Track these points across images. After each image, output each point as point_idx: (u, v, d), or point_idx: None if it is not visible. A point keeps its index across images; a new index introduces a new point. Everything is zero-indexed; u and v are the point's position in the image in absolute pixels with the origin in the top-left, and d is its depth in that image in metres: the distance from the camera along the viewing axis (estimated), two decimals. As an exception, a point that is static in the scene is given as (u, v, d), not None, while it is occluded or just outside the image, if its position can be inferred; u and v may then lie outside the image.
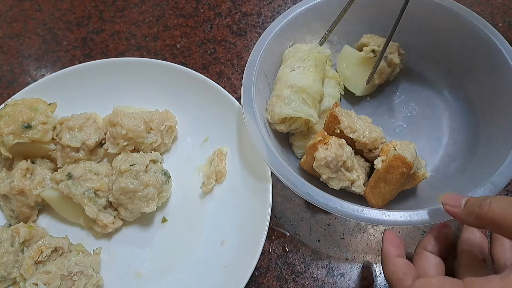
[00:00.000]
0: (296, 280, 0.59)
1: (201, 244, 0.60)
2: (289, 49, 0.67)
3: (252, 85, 0.60)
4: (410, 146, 0.56)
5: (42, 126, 0.62)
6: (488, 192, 0.49)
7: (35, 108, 0.64)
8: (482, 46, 0.62)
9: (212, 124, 0.68)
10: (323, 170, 0.55)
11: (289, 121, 0.60)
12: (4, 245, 0.56)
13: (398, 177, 0.53)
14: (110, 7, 0.89)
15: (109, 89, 0.71)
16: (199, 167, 0.67)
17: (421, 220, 0.49)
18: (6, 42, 0.85)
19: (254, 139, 0.56)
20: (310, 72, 0.62)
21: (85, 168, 0.61)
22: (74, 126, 0.63)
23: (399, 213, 0.49)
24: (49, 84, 0.69)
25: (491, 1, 0.86)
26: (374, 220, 0.49)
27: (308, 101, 0.60)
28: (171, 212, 0.64)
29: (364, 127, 0.57)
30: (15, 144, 0.60)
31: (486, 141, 0.61)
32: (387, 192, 0.55)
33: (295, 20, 0.67)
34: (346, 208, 0.50)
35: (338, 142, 0.55)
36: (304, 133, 0.64)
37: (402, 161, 0.52)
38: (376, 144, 0.58)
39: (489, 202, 0.40)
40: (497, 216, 0.39)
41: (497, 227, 0.40)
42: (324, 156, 0.54)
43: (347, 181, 0.56)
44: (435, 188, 0.60)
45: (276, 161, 0.54)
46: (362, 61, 0.68)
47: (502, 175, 0.50)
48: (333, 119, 0.57)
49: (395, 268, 0.46)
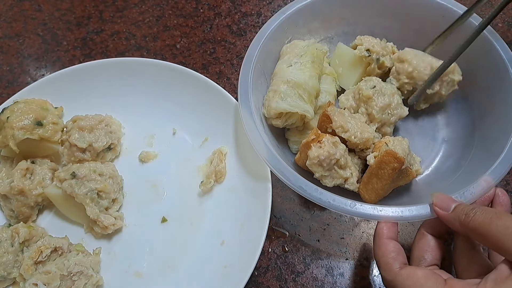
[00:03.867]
0: (295, 280, 0.59)
1: (201, 244, 0.60)
2: (287, 45, 0.67)
3: (249, 80, 0.60)
4: (402, 142, 0.57)
5: (53, 126, 0.63)
6: (481, 189, 0.50)
7: (46, 108, 0.65)
8: (480, 46, 0.62)
9: (212, 124, 0.68)
10: (316, 168, 0.56)
11: (285, 116, 0.61)
12: (4, 245, 0.56)
13: (390, 172, 0.54)
14: (110, 7, 0.89)
15: (109, 89, 0.71)
16: (199, 167, 0.67)
17: (413, 216, 0.49)
18: (6, 42, 0.85)
19: (249, 133, 0.56)
20: (307, 68, 0.62)
21: (89, 168, 0.61)
22: (85, 127, 0.64)
23: (391, 209, 0.49)
24: (49, 84, 0.69)
25: (490, 1, 0.86)
26: (366, 215, 0.50)
27: (304, 97, 0.60)
28: (171, 212, 0.64)
29: (356, 128, 0.58)
30: (22, 140, 0.60)
31: (480, 140, 0.61)
32: (380, 187, 0.55)
33: (293, 16, 0.67)
34: (338, 202, 0.50)
35: (331, 140, 0.56)
36: (300, 129, 0.64)
37: (393, 156, 0.53)
38: (368, 144, 0.58)
39: (474, 212, 0.42)
40: (478, 227, 0.41)
41: (478, 238, 0.43)
42: (317, 154, 0.54)
43: (341, 179, 0.57)
44: (429, 185, 0.61)
45: (271, 155, 0.54)
46: (355, 59, 0.68)
47: (495, 173, 0.51)
48: (326, 118, 0.58)
49: (385, 250, 0.47)
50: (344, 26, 0.73)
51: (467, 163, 0.60)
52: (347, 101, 0.65)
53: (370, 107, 0.61)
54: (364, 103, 0.62)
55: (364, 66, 0.68)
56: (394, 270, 0.45)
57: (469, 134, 0.63)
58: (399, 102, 0.63)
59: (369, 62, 0.67)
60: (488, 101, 0.63)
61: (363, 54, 0.67)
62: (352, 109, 0.64)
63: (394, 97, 0.62)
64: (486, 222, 0.41)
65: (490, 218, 0.41)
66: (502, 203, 0.50)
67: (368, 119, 0.62)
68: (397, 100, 0.63)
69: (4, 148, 0.63)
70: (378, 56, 0.67)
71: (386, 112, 0.62)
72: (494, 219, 0.40)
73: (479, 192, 0.50)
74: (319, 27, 0.72)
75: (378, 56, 0.67)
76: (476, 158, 0.59)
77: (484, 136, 0.61)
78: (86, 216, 0.59)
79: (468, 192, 0.50)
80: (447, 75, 0.64)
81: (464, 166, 0.60)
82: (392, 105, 0.62)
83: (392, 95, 0.62)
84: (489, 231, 0.40)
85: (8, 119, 0.61)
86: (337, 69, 0.70)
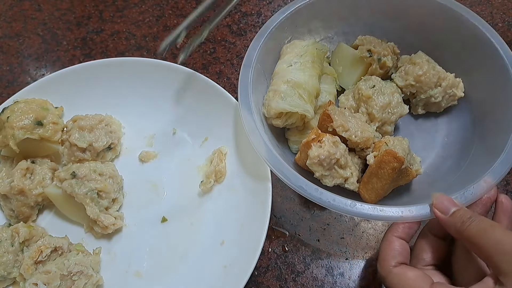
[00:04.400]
0: (295, 280, 0.59)
1: (201, 244, 0.60)
2: (287, 44, 0.67)
3: (249, 80, 0.60)
4: (403, 142, 0.57)
5: (53, 126, 0.63)
6: (481, 189, 0.50)
7: (46, 108, 0.65)
8: (480, 46, 0.63)
9: (212, 124, 0.68)
10: (316, 168, 0.55)
11: (285, 116, 0.61)
12: (4, 244, 0.56)
13: (389, 172, 0.54)
14: (110, 7, 0.89)
15: (109, 89, 0.71)
16: (199, 167, 0.67)
17: (413, 216, 0.49)
18: (6, 42, 0.85)
19: (249, 133, 0.56)
20: (307, 68, 0.62)
21: (89, 168, 0.61)
22: (85, 126, 0.64)
23: (392, 209, 0.49)
24: (49, 84, 0.69)
25: (490, 1, 0.86)
26: (366, 215, 0.50)
27: (304, 96, 0.60)
28: (171, 212, 0.64)
29: (357, 127, 0.58)
30: (22, 140, 0.61)
31: (480, 140, 0.61)
32: (380, 187, 0.55)
33: (293, 16, 0.67)
34: (338, 202, 0.50)
35: (332, 140, 0.56)
36: (300, 128, 0.64)
37: (393, 156, 0.53)
38: (368, 143, 0.58)
39: (470, 221, 0.43)
40: (472, 237, 0.42)
41: (471, 247, 0.43)
42: (318, 154, 0.54)
43: (341, 178, 0.57)
44: (429, 185, 0.61)
45: (271, 155, 0.54)
46: (356, 59, 0.68)
47: (494, 173, 0.51)
48: (326, 117, 0.58)
49: (388, 247, 0.48)
50: (344, 26, 0.73)
51: (467, 163, 0.60)
52: (347, 101, 0.65)
53: (370, 106, 0.61)
54: (364, 103, 0.62)
55: (365, 66, 0.68)
56: (389, 267, 0.46)
57: (469, 134, 0.63)
58: (399, 101, 0.63)
59: (370, 62, 0.67)
60: (488, 101, 0.63)
61: (365, 54, 0.67)
62: (352, 109, 0.64)
63: (394, 95, 0.62)
64: (480, 234, 0.41)
65: (484, 230, 0.41)
66: (504, 210, 0.49)
67: (368, 118, 0.62)
68: (397, 98, 0.63)
69: (4, 148, 0.63)
70: (379, 56, 0.67)
71: (386, 111, 0.62)
72: (488, 231, 0.41)
73: (479, 193, 0.50)
74: (319, 27, 0.72)
75: (380, 56, 0.67)
76: (476, 158, 0.59)
77: (484, 136, 0.61)
78: (86, 216, 0.59)
79: (468, 193, 0.50)
80: (451, 88, 0.65)
81: (464, 166, 0.60)
82: (392, 103, 0.62)
83: (392, 94, 0.62)
84: (481, 243, 0.41)
85: (8, 119, 0.61)
86: (337, 68, 0.70)
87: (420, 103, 0.66)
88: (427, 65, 0.64)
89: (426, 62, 0.65)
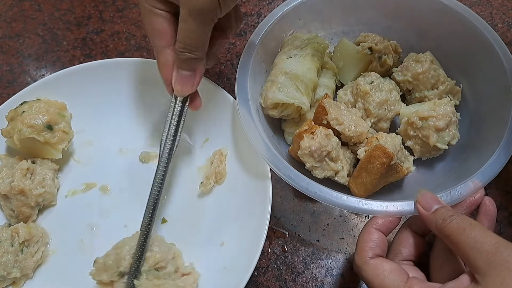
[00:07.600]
0: (295, 280, 0.59)
1: (200, 245, 0.60)
2: (288, 37, 0.68)
3: (248, 68, 0.60)
4: (395, 139, 0.58)
5: (62, 134, 0.63)
6: (468, 190, 0.50)
7: (63, 114, 0.65)
8: (480, 47, 0.63)
9: (212, 125, 0.68)
10: (307, 158, 0.56)
11: (281, 106, 0.61)
12: (4, 245, 0.56)
13: (378, 167, 0.54)
14: (110, 7, 0.89)
15: (109, 89, 0.71)
16: (200, 168, 0.67)
17: (397, 211, 0.49)
18: (6, 42, 0.85)
19: (244, 120, 0.57)
20: (306, 61, 0.63)
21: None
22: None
23: (376, 203, 0.50)
24: (48, 84, 0.69)
25: (490, 2, 0.86)
26: (351, 208, 0.50)
27: (301, 89, 0.61)
28: (171, 213, 0.64)
29: (351, 121, 0.58)
30: (27, 137, 0.60)
31: (474, 142, 0.62)
32: (369, 182, 0.56)
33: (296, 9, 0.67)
34: (325, 193, 0.51)
35: (324, 132, 0.56)
36: (296, 120, 0.64)
37: (382, 151, 0.53)
38: (361, 138, 0.59)
39: (451, 219, 0.43)
40: (451, 235, 0.42)
41: (450, 245, 0.43)
42: (309, 145, 0.55)
43: (331, 171, 0.57)
44: (421, 184, 0.61)
45: (262, 143, 0.55)
46: (357, 55, 0.68)
47: (483, 175, 0.52)
48: (321, 110, 0.58)
49: (367, 238, 0.48)
50: (344, 26, 0.73)
51: (459, 165, 0.61)
52: (345, 95, 0.65)
53: (367, 102, 0.62)
54: (361, 98, 0.63)
55: (366, 63, 0.68)
56: (365, 257, 0.47)
57: (464, 136, 0.63)
58: (397, 98, 0.63)
59: (371, 59, 0.67)
60: (486, 105, 0.63)
61: (365, 51, 0.67)
62: (349, 104, 0.65)
63: (392, 93, 0.63)
64: (459, 232, 0.41)
65: (464, 229, 0.41)
66: (487, 212, 0.50)
67: (364, 114, 0.63)
68: (395, 96, 0.63)
69: (10, 138, 0.63)
70: (380, 54, 0.67)
71: (383, 107, 0.62)
72: (467, 230, 0.41)
73: (466, 193, 0.50)
74: (319, 27, 0.72)
75: (380, 54, 0.67)
76: (468, 160, 0.60)
77: (478, 139, 0.61)
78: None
79: (455, 192, 0.50)
80: (447, 94, 0.64)
81: (456, 168, 0.61)
82: (390, 100, 0.62)
83: (390, 91, 0.62)
84: (459, 241, 0.41)
85: (23, 113, 0.61)
86: (338, 63, 0.71)
87: (414, 102, 0.66)
88: (429, 65, 0.64)
89: (428, 62, 0.64)
